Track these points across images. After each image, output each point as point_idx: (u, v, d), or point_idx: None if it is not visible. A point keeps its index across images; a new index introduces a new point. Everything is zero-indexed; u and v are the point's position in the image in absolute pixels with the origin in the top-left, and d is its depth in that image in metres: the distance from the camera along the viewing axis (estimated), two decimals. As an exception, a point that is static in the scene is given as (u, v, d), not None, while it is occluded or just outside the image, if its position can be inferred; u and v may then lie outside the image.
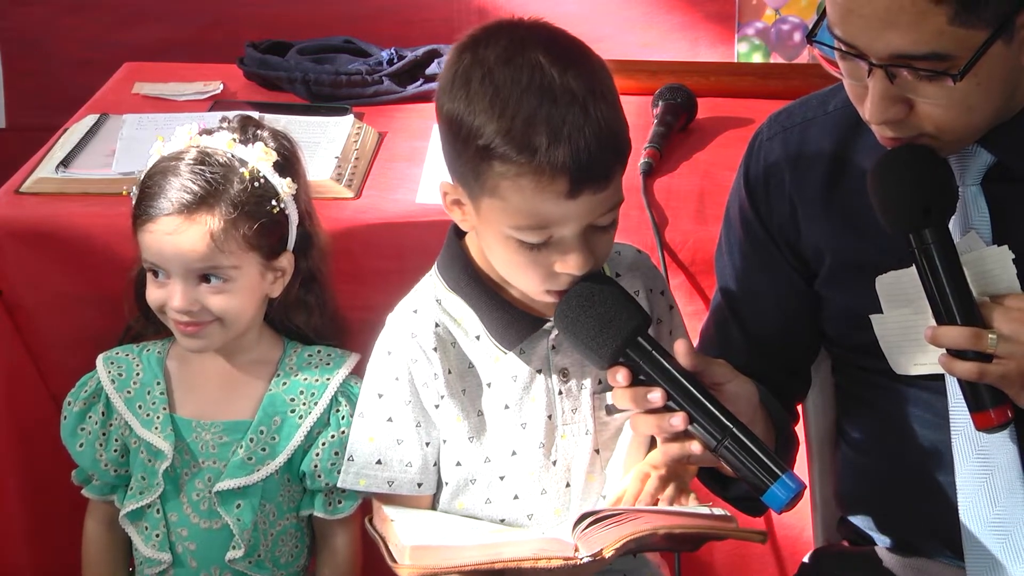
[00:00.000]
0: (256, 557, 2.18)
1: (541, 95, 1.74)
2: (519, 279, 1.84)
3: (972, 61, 1.70)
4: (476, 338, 1.92)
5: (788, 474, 1.76)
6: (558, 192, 1.74)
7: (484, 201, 1.79)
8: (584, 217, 1.77)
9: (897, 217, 1.81)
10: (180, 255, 2.08)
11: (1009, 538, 1.85)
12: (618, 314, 1.79)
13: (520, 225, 1.77)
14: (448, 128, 1.79)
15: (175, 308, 2.10)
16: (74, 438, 2.20)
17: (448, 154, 1.82)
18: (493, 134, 1.74)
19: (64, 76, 3.43)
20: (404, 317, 1.94)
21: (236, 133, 2.17)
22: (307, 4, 3.38)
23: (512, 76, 1.75)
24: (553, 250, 1.79)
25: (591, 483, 1.95)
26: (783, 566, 2.53)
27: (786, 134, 2.00)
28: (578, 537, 1.75)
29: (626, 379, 1.78)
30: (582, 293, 1.80)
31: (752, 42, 3.25)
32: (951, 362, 1.78)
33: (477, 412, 1.93)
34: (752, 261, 2.03)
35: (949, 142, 1.80)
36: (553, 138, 1.72)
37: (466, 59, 1.78)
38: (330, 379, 2.18)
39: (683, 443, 1.80)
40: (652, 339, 1.80)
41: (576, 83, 1.75)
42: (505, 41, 1.78)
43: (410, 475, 1.94)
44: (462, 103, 1.76)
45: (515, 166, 1.74)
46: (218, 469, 2.16)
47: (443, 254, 1.95)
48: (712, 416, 1.77)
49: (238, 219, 2.10)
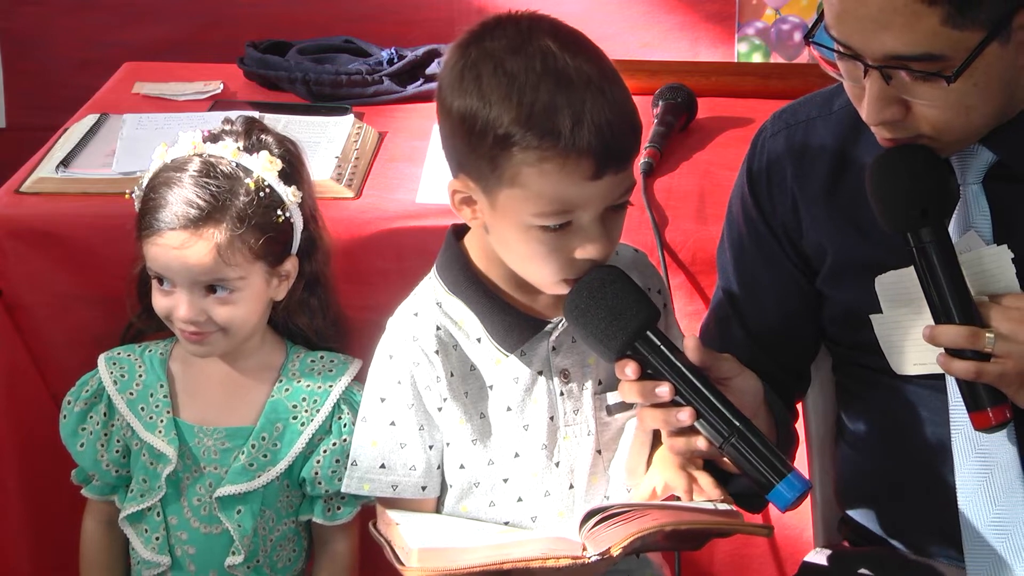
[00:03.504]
0: (255, 562, 2.17)
1: (557, 80, 1.74)
2: (536, 270, 1.83)
3: (966, 63, 1.70)
4: (477, 341, 1.92)
5: (794, 473, 1.76)
6: (583, 174, 1.74)
7: (502, 193, 1.78)
8: (605, 199, 1.77)
9: (894, 217, 1.81)
10: (186, 269, 2.08)
11: (1009, 537, 1.85)
12: (628, 306, 1.79)
13: (543, 211, 1.76)
14: (459, 124, 1.78)
15: (181, 319, 2.10)
16: (75, 438, 2.20)
17: (458, 151, 1.81)
18: (512, 122, 1.73)
19: (64, 76, 3.43)
20: (405, 320, 1.93)
21: (240, 140, 2.15)
22: (307, 4, 3.38)
23: (525, 64, 1.74)
24: (573, 236, 1.78)
25: (594, 484, 1.95)
26: (783, 566, 2.53)
27: (789, 131, 2.00)
28: (586, 536, 1.75)
29: (635, 372, 1.78)
30: (592, 284, 1.80)
31: (752, 42, 3.25)
32: (949, 361, 1.78)
33: (480, 415, 1.92)
34: (754, 257, 2.03)
35: (948, 143, 1.80)
36: (576, 121, 1.72)
37: (472, 54, 1.78)
38: (332, 386, 2.18)
39: (689, 438, 1.80)
40: (661, 333, 1.80)
41: (588, 67, 1.75)
42: (511, 32, 1.78)
43: (414, 479, 1.94)
44: (474, 97, 1.76)
45: (538, 151, 1.73)
46: (219, 475, 2.16)
47: (442, 256, 1.95)
48: (719, 413, 1.77)
49: (244, 232, 2.09)
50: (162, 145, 2.17)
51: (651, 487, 1.89)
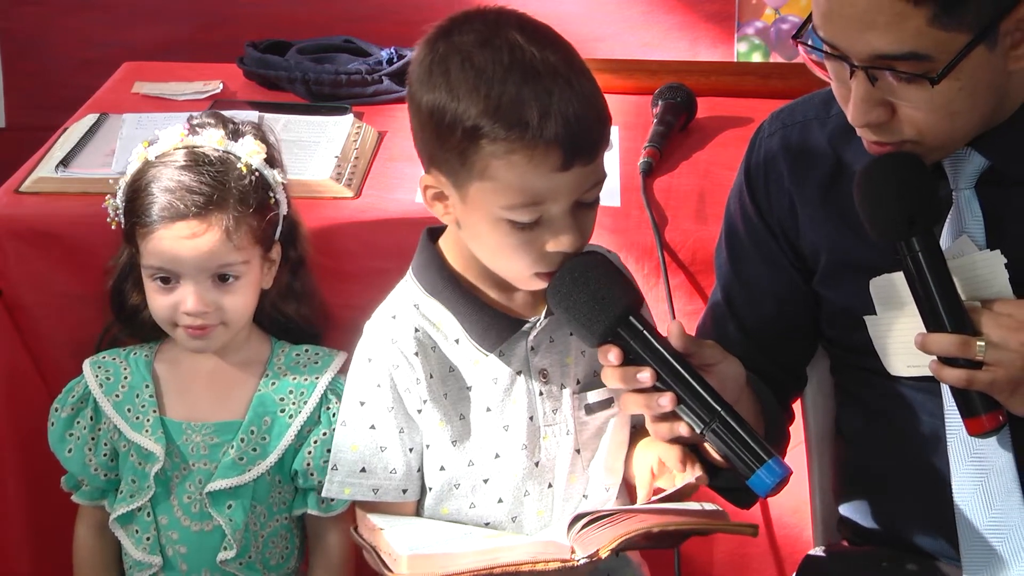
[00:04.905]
0: (247, 558, 2.17)
1: (524, 72, 1.74)
2: (508, 264, 1.84)
3: (951, 64, 1.71)
4: (455, 341, 1.92)
5: (775, 459, 1.76)
6: (551, 166, 1.75)
7: (472, 186, 1.79)
8: (574, 191, 1.78)
9: (882, 227, 1.81)
10: (198, 257, 2.08)
11: (1006, 540, 1.85)
12: (611, 291, 1.79)
13: (512, 204, 1.77)
14: (429, 118, 1.79)
15: (189, 311, 2.10)
16: (63, 444, 2.19)
17: (429, 145, 1.82)
18: (480, 114, 1.74)
19: (64, 76, 3.43)
20: (383, 323, 1.93)
21: (220, 128, 2.16)
22: (307, 4, 3.38)
23: (493, 57, 1.75)
24: (544, 229, 1.79)
25: (572, 483, 1.95)
26: (783, 566, 2.53)
27: (786, 131, 2.00)
28: (574, 539, 1.75)
29: (617, 358, 1.78)
30: (576, 269, 1.80)
31: (752, 42, 3.25)
32: (941, 369, 1.78)
33: (460, 416, 1.92)
34: (752, 257, 2.04)
35: (932, 148, 1.80)
36: (543, 112, 1.73)
37: (440, 48, 1.79)
38: (319, 378, 2.18)
39: (672, 423, 1.80)
40: (644, 319, 1.80)
41: (556, 59, 1.76)
42: (479, 26, 1.79)
43: (395, 482, 1.94)
44: (443, 91, 1.77)
45: (506, 143, 1.74)
46: (208, 471, 2.15)
47: (417, 258, 1.95)
48: (701, 399, 1.77)
49: (248, 215, 2.10)
50: (143, 144, 2.17)
51: (648, 466, 1.89)
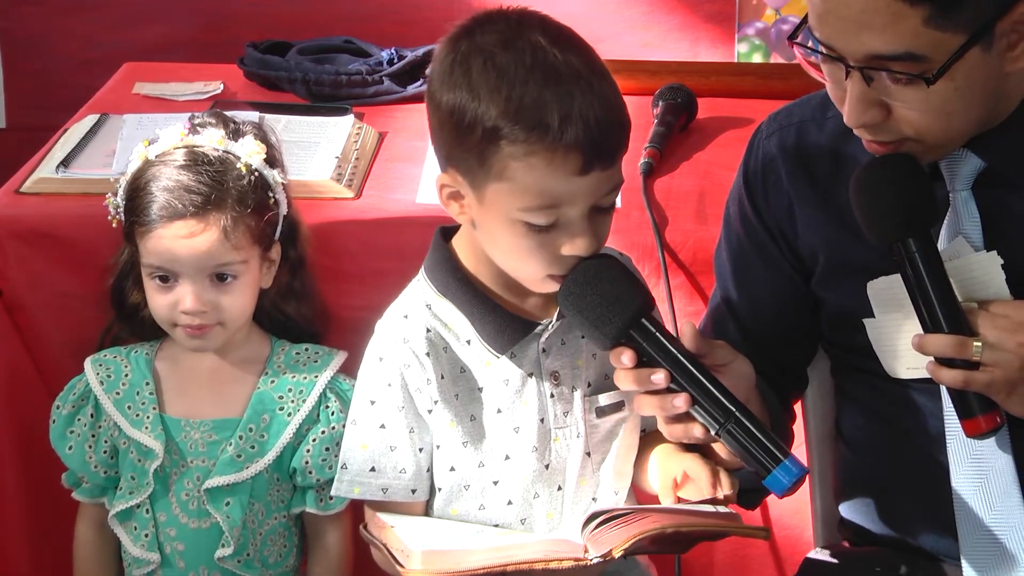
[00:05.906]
0: (245, 556, 2.18)
1: (546, 74, 1.74)
2: (522, 266, 1.84)
3: (946, 65, 1.70)
4: (467, 343, 1.91)
5: (791, 458, 1.76)
6: (570, 169, 1.74)
7: (490, 187, 1.78)
8: (591, 195, 1.77)
9: (879, 229, 1.81)
10: (196, 256, 2.09)
11: (1007, 540, 1.85)
12: (624, 292, 1.78)
13: (529, 206, 1.76)
14: (448, 117, 1.78)
15: (188, 310, 2.11)
16: (63, 441, 2.20)
17: (447, 144, 1.81)
18: (500, 115, 1.74)
19: (64, 76, 3.43)
20: (395, 323, 1.93)
21: (220, 128, 2.17)
22: (307, 4, 3.38)
23: (515, 58, 1.75)
24: (560, 232, 1.78)
25: (582, 487, 1.95)
26: (783, 566, 2.53)
27: (784, 132, 2.00)
28: (587, 538, 1.75)
29: (631, 360, 1.78)
30: (588, 270, 1.79)
31: (752, 42, 3.25)
32: (938, 370, 1.78)
33: (470, 417, 1.92)
34: (751, 258, 2.04)
35: (931, 147, 1.80)
36: (564, 115, 1.73)
37: (462, 47, 1.78)
38: (318, 376, 2.19)
39: (686, 424, 1.80)
40: (656, 320, 1.80)
41: (578, 62, 1.76)
42: (502, 26, 1.78)
43: (404, 482, 1.93)
44: (463, 90, 1.76)
45: (525, 145, 1.74)
46: (207, 468, 2.16)
47: (430, 258, 1.95)
48: (715, 399, 1.77)
49: (246, 214, 2.10)
50: (144, 143, 2.17)
51: (671, 476, 1.88)
